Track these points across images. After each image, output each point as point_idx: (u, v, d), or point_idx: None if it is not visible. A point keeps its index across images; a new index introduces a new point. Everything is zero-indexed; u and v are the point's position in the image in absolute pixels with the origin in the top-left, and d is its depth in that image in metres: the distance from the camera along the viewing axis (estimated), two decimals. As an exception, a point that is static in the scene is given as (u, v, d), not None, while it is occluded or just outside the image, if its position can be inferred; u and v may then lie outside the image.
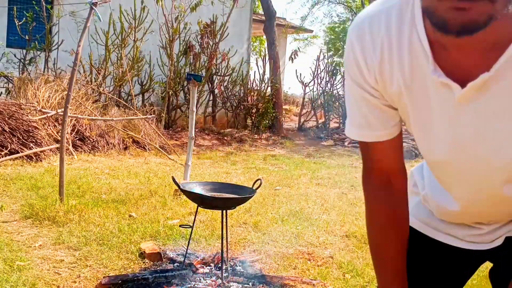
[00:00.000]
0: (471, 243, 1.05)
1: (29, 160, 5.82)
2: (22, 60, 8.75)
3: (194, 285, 2.58)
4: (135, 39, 8.93)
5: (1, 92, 8.33)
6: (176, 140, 8.77)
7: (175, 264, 2.91)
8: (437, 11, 0.72)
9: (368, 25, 0.87)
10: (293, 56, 11.07)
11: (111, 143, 7.25)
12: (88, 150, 6.87)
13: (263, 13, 12.03)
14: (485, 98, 0.79)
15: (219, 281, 2.59)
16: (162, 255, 3.01)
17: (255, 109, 10.67)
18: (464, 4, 0.69)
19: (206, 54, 9.69)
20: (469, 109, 0.82)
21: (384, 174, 1.01)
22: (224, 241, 2.70)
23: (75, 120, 6.93)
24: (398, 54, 0.85)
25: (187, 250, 2.87)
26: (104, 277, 2.62)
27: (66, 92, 5.15)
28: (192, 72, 9.38)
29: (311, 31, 17.34)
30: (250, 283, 2.65)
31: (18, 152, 5.72)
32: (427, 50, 0.80)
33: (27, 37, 8.75)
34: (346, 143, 9.85)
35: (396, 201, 1.02)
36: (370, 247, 1.07)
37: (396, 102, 0.91)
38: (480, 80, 0.77)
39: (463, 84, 0.79)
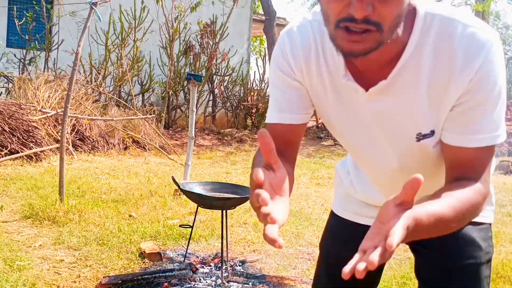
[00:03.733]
0: None
1: (29, 160, 5.82)
2: (22, 60, 8.75)
3: (194, 285, 2.58)
4: (135, 39, 8.92)
5: (1, 92, 8.33)
6: (176, 140, 8.77)
7: (175, 264, 2.91)
8: (336, 40, 0.89)
9: (298, 31, 1.06)
10: (293, 56, 11.06)
11: (111, 143, 7.26)
12: (88, 150, 6.87)
13: (263, 13, 12.03)
14: (386, 101, 1.00)
15: (219, 281, 2.59)
16: (162, 255, 3.01)
17: (255, 109, 10.67)
18: (356, 38, 0.86)
19: (206, 54, 9.69)
20: (374, 110, 1.02)
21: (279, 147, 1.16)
22: (224, 241, 2.70)
23: (75, 120, 6.93)
24: (324, 58, 1.04)
25: (187, 250, 2.87)
26: (104, 277, 2.62)
27: (66, 92, 5.15)
28: (192, 72, 9.38)
29: (311, 31, 17.36)
30: (250, 283, 2.65)
31: (18, 152, 5.72)
32: (341, 60, 1.00)
33: (27, 37, 8.75)
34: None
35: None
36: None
37: (316, 95, 1.09)
38: (379, 86, 0.98)
39: (367, 88, 1.00)
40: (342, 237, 1.31)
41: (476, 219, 1.11)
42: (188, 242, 2.88)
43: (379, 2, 0.83)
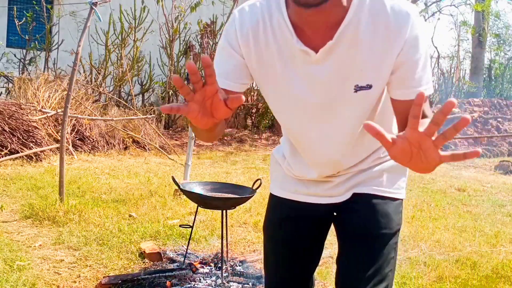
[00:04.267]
0: (328, 197, 1.38)
1: (29, 160, 5.82)
2: (22, 60, 8.76)
3: (194, 285, 2.58)
4: (135, 39, 8.93)
5: (1, 92, 8.33)
6: (176, 140, 8.77)
7: (175, 264, 2.91)
8: None
9: (249, 9, 1.21)
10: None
11: (111, 143, 7.25)
12: (88, 150, 6.87)
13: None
14: (332, 59, 1.16)
15: (219, 281, 2.59)
16: (162, 255, 3.01)
17: (255, 109, 10.67)
18: None
19: (206, 54, 9.69)
20: (322, 68, 1.17)
21: None
22: (224, 241, 2.70)
23: (75, 120, 6.93)
24: (272, 31, 1.18)
25: (187, 250, 2.87)
26: (104, 277, 2.62)
27: (66, 92, 5.15)
28: (192, 72, 9.37)
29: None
30: (250, 283, 2.65)
31: (18, 152, 5.72)
32: (291, 29, 1.15)
33: (27, 37, 8.75)
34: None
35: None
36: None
37: (264, 66, 1.22)
38: (327, 46, 1.13)
39: (316, 51, 1.15)
40: (282, 215, 1.45)
41: (391, 195, 1.35)
42: (188, 242, 2.88)
43: None
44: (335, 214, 1.40)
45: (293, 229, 1.42)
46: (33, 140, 6.04)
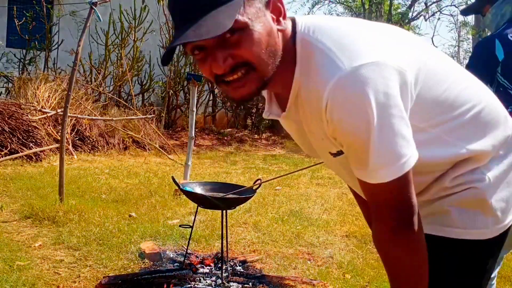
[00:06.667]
0: None
1: (29, 160, 5.81)
2: (22, 60, 8.74)
3: (194, 285, 2.58)
4: (135, 39, 8.92)
5: (1, 92, 8.32)
6: (176, 140, 8.77)
7: (175, 264, 2.91)
8: (224, 94, 1.03)
9: None
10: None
11: (111, 143, 7.25)
12: (88, 150, 6.87)
13: (263, 13, 12.02)
14: (298, 124, 1.03)
15: (219, 281, 2.59)
16: (162, 255, 3.01)
17: (255, 109, 10.67)
18: (236, 84, 0.88)
19: (206, 54, 9.68)
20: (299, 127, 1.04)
21: None
22: (224, 241, 2.70)
23: (75, 120, 6.93)
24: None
25: (187, 250, 2.87)
26: (104, 277, 2.62)
27: (66, 92, 5.15)
28: (192, 72, 9.37)
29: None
30: (250, 283, 2.65)
31: (18, 152, 5.72)
32: (266, 97, 1.07)
33: (27, 37, 8.74)
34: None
35: None
36: None
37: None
38: (282, 116, 1.03)
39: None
40: None
41: (465, 237, 0.99)
42: (188, 242, 2.88)
43: (234, 49, 0.85)
44: None
45: None
46: (33, 140, 6.04)
